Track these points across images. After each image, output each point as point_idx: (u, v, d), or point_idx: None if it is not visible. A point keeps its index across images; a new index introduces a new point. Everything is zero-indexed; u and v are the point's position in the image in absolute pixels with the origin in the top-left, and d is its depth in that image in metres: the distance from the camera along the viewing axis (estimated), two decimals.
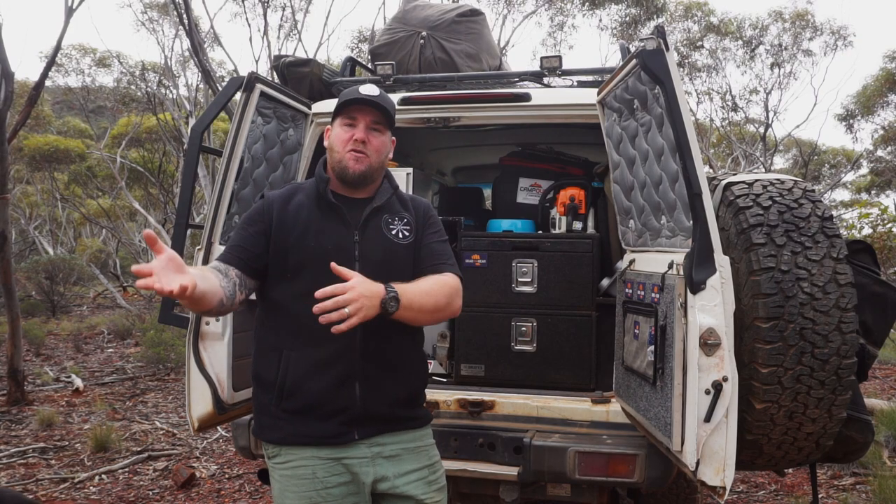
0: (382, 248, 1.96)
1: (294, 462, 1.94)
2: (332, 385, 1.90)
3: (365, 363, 1.91)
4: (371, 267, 1.89)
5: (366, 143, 1.94)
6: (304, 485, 1.92)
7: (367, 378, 1.92)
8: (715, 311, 2.04)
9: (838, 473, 4.71)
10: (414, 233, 2.01)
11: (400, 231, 2.00)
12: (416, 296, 1.84)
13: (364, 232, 1.96)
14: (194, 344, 2.68)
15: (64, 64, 18.25)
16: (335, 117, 2.00)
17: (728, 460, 2.04)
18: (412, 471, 1.98)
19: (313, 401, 1.91)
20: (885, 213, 8.00)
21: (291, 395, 1.92)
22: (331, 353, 1.89)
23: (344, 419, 1.91)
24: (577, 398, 2.93)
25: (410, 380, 2.02)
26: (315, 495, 1.91)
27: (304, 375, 1.91)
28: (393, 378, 1.96)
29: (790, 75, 18.00)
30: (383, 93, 1.99)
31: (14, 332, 7.07)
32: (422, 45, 3.70)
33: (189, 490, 4.67)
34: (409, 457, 2.00)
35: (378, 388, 1.94)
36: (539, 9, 16.84)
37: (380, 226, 1.98)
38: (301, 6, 15.69)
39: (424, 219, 2.06)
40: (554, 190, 3.57)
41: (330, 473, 1.92)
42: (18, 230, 21.20)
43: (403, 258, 1.98)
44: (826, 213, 2.34)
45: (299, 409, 1.92)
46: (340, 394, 1.90)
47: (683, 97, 2.13)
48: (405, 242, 1.99)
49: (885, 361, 8.52)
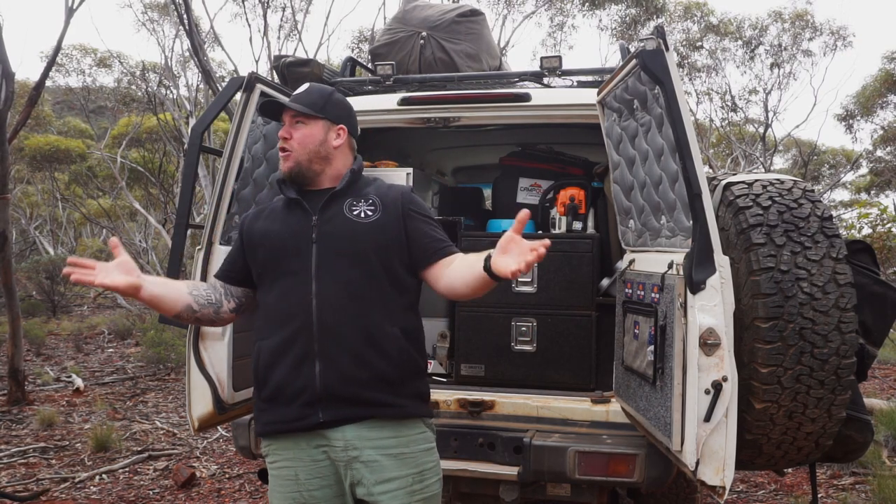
0: (342, 227, 1.96)
1: (279, 463, 1.97)
2: (292, 367, 1.91)
3: (323, 342, 1.89)
4: (328, 244, 1.95)
5: (288, 139, 2.02)
6: (288, 486, 1.94)
7: (326, 357, 1.89)
8: (715, 311, 2.05)
9: (838, 473, 4.71)
10: (381, 211, 1.98)
11: (362, 211, 1.99)
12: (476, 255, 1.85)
13: (323, 214, 1.98)
14: (194, 344, 2.68)
15: (64, 64, 18.25)
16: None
17: (728, 460, 2.04)
18: (393, 479, 1.90)
19: (279, 386, 1.93)
20: (884, 213, 8.01)
21: (264, 384, 1.97)
22: (290, 335, 1.91)
23: (305, 400, 1.90)
24: (577, 398, 2.93)
25: (375, 361, 1.90)
26: (298, 496, 1.93)
27: (270, 362, 1.94)
28: (356, 356, 1.89)
29: (790, 75, 18.00)
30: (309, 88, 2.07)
31: (14, 331, 7.07)
32: (422, 46, 3.70)
33: (189, 490, 4.67)
34: (391, 463, 1.91)
35: (337, 367, 1.89)
36: (539, 9, 16.84)
37: (341, 209, 1.99)
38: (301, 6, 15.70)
39: (403, 201, 2.02)
40: (554, 190, 3.57)
41: (311, 476, 1.92)
42: (19, 230, 21.20)
43: (366, 234, 1.95)
44: (826, 213, 2.34)
45: (270, 396, 1.96)
46: (300, 374, 1.90)
47: (683, 97, 2.13)
48: (367, 221, 1.97)
49: (884, 361, 8.52)
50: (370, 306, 1.92)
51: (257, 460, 3.04)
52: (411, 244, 1.98)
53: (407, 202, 2.02)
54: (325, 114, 2.03)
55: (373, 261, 1.94)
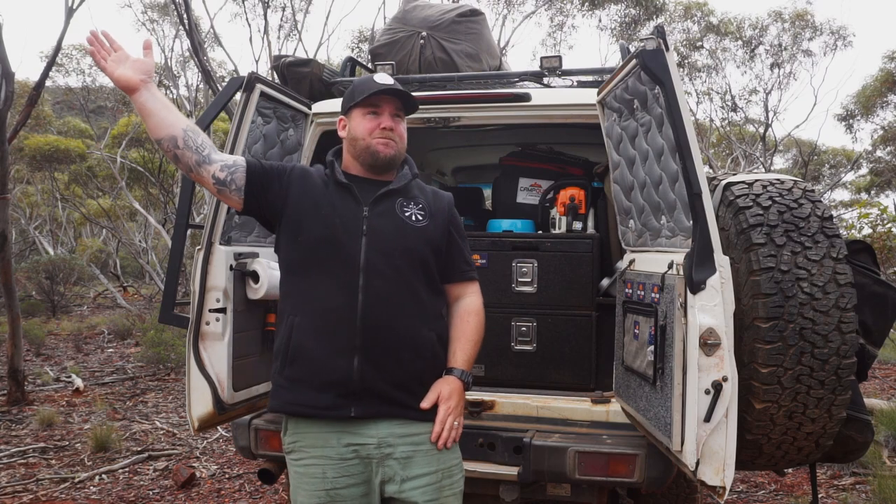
0: (394, 226, 1.99)
1: (305, 460, 1.94)
2: (329, 355, 1.90)
3: (365, 337, 1.90)
4: (378, 240, 1.95)
5: (393, 130, 2.00)
6: (315, 483, 1.92)
7: (367, 353, 1.90)
8: (715, 311, 2.04)
9: (838, 473, 4.71)
10: (429, 219, 2.04)
11: (414, 214, 2.03)
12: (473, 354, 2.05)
13: (374, 208, 1.99)
14: (194, 344, 2.68)
15: (64, 64, 18.26)
16: (353, 108, 2.03)
17: (728, 460, 2.04)
18: (424, 474, 1.92)
19: (312, 369, 1.92)
20: (884, 213, 8.01)
21: (293, 362, 1.94)
22: (331, 323, 1.91)
23: (340, 391, 1.90)
24: (577, 398, 2.93)
25: (413, 362, 1.95)
26: (324, 495, 1.91)
27: (304, 343, 1.92)
28: (395, 357, 1.93)
29: (790, 75, 18.01)
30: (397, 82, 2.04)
31: (14, 331, 7.07)
32: (422, 46, 3.70)
33: (189, 490, 4.67)
34: (422, 459, 1.93)
35: (377, 365, 1.91)
36: (539, 9, 16.85)
37: (392, 206, 2.02)
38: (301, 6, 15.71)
39: (449, 214, 2.11)
40: (554, 190, 3.57)
41: (340, 474, 1.91)
42: (19, 230, 21.20)
43: (415, 240, 2.00)
44: (826, 213, 2.34)
45: (299, 377, 1.93)
46: (338, 365, 1.90)
47: (683, 97, 2.13)
48: (418, 226, 2.02)
49: (884, 361, 8.52)
50: (411, 308, 1.96)
51: (257, 460, 3.03)
52: (445, 256, 2.06)
53: (452, 215, 2.12)
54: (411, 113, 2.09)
55: (417, 265, 1.99)
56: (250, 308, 2.83)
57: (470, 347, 2.05)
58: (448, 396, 1.96)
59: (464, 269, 2.11)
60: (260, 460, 2.98)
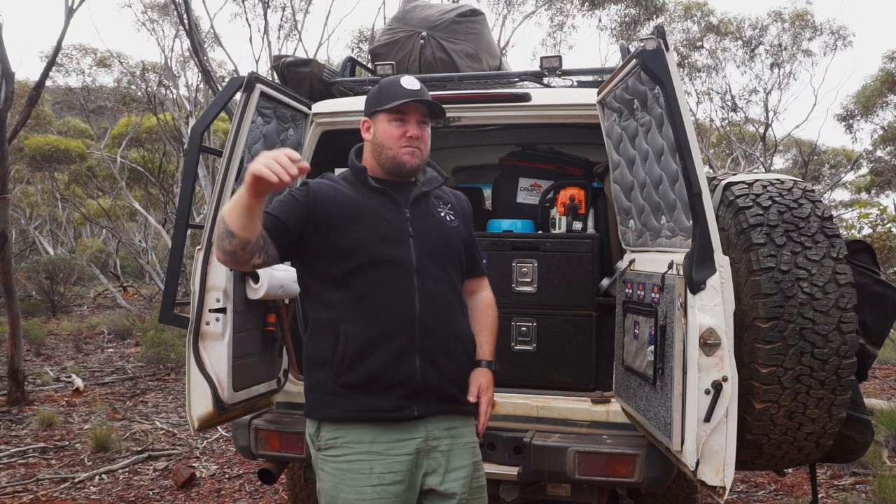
0: (435, 226, 2.05)
1: (350, 456, 1.93)
2: (392, 358, 1.92)
3: (424, 337, 1.95)
4: (424, 241, 2.00)
5: (419, 138, 2.02)
6: (361, 479, 1.91)
7: (426, 352, 1.95)
8: (715, 311, 2.04)
9: (838, 473, 4.71)
10: (458, 218, 2.13)
11: (447, 214, 2.11)
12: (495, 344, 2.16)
13: (414, 210, 2.04)
14: (194, 344, 2.68)
15: (64, 64, 18.24)
16: (378, 111, 2.02)
17: (728, 460, 2.04)
18: (461, 467, 2.01)
19: (373, 374, 1.92)
20: (884, 213, 8.01)
21: (350, 369, 1.93)
22: (391, 327, 1.93)
23: (403, 392, 1.93)
24: (577, 398, 2.93)
25: (463, 358, 2.06)
26: (370, 491, 1.90)
27: (363, 349, 1.92)
28: (449, 354, 2.01)
29: (790, 75, 18.01)
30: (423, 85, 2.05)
31: (14, 332, 7.06)
32: (422, 45, 3.70)
33: (189, 490, 4.67)
34: (460, 453, 2.02)
35: (435, 363, 1.97)
36: (539, 9, 16.84)
37: (430, 207, 2.07)
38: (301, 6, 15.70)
39: (469, 213, 2.20)
40: (554, 190, 3.57)
41: (387, 470, 1.92)
42: (19, 230, 21.20)
43: (455, 239, 2.08)
44: (826, 213, 2.34)
45: (358, 383, 1.93)
46: (400, 367, 1.93)
47: (683, 97, 2.13)
48: (453, 225, 2.10)
49: (885, 361, 8.52)
50: (457, 306, 2.06)
51: (257, 460, 3.03)
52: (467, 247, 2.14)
53: (471, 213, 2.21)
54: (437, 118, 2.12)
55: (457, 263, 2.09)
56: (250, 308, 2.83)
57: (493, 339, 2.16)
58: (486, 388, 2.07)
59: (480, 265, 2.23)
60: (260, 460, 2.98)
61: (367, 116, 2.07)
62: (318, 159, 3.34)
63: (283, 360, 3.05)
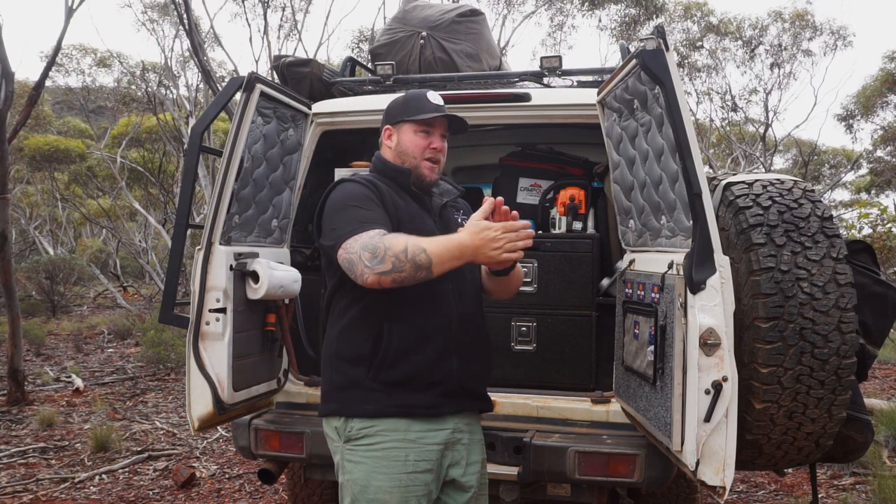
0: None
1: (386, 444, 1.98)
2: (432, 357, 2.01)
3: (460, 338, 2.06)
4: None
5: (441, 150, 2.19)
6: (396, 466, 1.97)
7: (462, 352, 2.06)
8: (715, 311, 2.04)
9: (838, 473, 4.71)
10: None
11: (463, 222, 2.18)
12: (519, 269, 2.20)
13: (441, 219, 2.17)
14: (194, 344, 2.68)
15: (64, 64, 18.26)
16: (405, 121, 2.14)
17: (728, 460, 2.04)
18: (477, 461, 2.15)
19: (415, 373, 2.00)
20: (884, 213, 8.01)
21: (392, 367, 1.99)
22: (432, 326, 2.02)
23: (441, 391, 2.02)
24: (577, 398, 2.93)
25: (488, 358, 2.20)
26: (405, 478, 1.97)
27: (406, 348, 2.00)
28: (480, 353, 2.14)
29: (790, 75, 18.02)
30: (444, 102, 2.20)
31: (14, 332, 7.07)
32: (422, 45, 3.70)
33: (189, 490, 4.67)
34: (476, 448, 2.16)
35: (470, 363, 2.09)
36: (539, 9, 16.85)
37: (451, 214, 2.21)
38: (301, 6, 15.71)
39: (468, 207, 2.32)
40: (554, 190, 3.57)
41: (421, 458, 1.99)
42: (19, 230, 21.20)
43: None
44: (826, 213, 2.34)
45: (398, 380, 1.99)
46: (439, 366, 2.02)
47: (683, 97, 2.13)
48: None
49: (885, 361, 8.53)
50: (480, 309, 2.20)
51: (257, 460, 3.03)
52: None
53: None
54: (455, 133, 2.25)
55: (477, 269, 2.20)
56: (250, 308, 2.82)
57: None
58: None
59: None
60: (260, 460, 2.98)
61: (390, 125, 2.18)
62: (318, 159, 3.34)
63: (283, 360, 3.05)
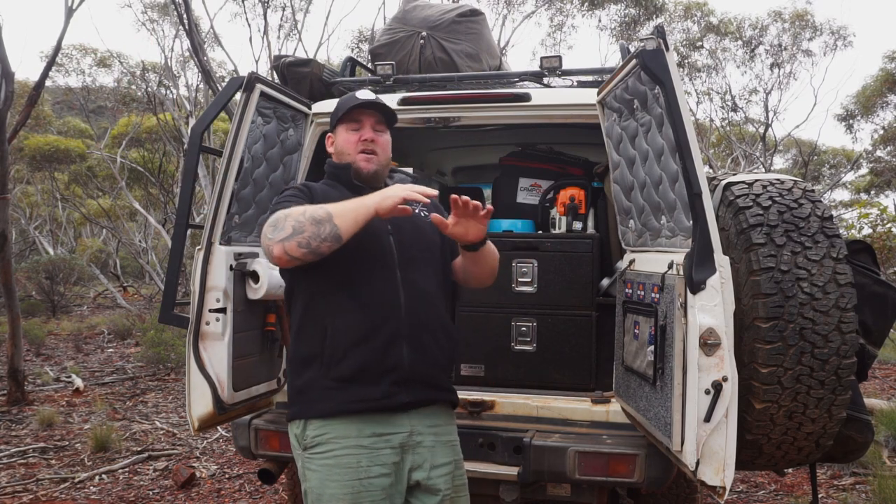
0: (410, 221, 2.09)
1: (337, 451, 1.97)
2: (380, 347, 1.98)
3: (410, 324, 2.01)
4: (402, 236, 2.07)
5: (374, 141, 2.10)
6: (348, 473, 1.95)
7: (413, 340, 2.01)
8: (715, 311, 2.04)
9: (838, 473, 4.71)
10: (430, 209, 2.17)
11: (420, 211, 2.16)
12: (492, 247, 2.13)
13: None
14: (194, 344, 2.68)
15: (64, 64, 18.26)
16: (337, 124, 2.16)
17: (728, 460, 2.04)
18: (443, 464, 2.06)
19: (363, 364, 1.97)
20: (884, 213, 8.01)
21: (341, 362, 1.97)
22: (379, 318, 1.99)
23: (393, 379, 1.98)
24: (577, 398, 2.93)
25: (448, 344, 2.11)
26: (357, 484, 1.94)
27: (353, 340, 1.98)
28: (435, 341, 2.06)
29: (790, 75, 18.01)
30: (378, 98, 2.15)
31: (14, 332, 7.07)
32: (422, 45, 3.70)
33: (189, 490, 4.67)
34: (443, 450, 2.07)
35: (422, 350, 2.03)
36: (539, 9, 16.84)
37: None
38: (301, 6, 15.71)
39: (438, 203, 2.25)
40: (554, 190, 3.57)
41: (373, 463, 1.96)
42: (19, 230, 21.20)
43: (430, 232, 2.12)
44: (826, 213, 2.34)
45: (350, 375, 1.97)
46: (389, 355, 1.98)
47: (683, 97, 2.13)
48: (426, 219, 2.14)
49: (885, 361, 8.52)
50: (438, 296, 2.12)
51: (257, 460, 3.03)
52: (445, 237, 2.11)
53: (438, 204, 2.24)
54: (391, 125, 2.19)
55: (435, 255, 2.14)
56: (250, 308, 2.83)
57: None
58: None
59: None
60: (260, 460, 2.98)
61: (330, 133, 2.20)
62: (318, 159, 3.34)
63: (283, 360, 3.05)
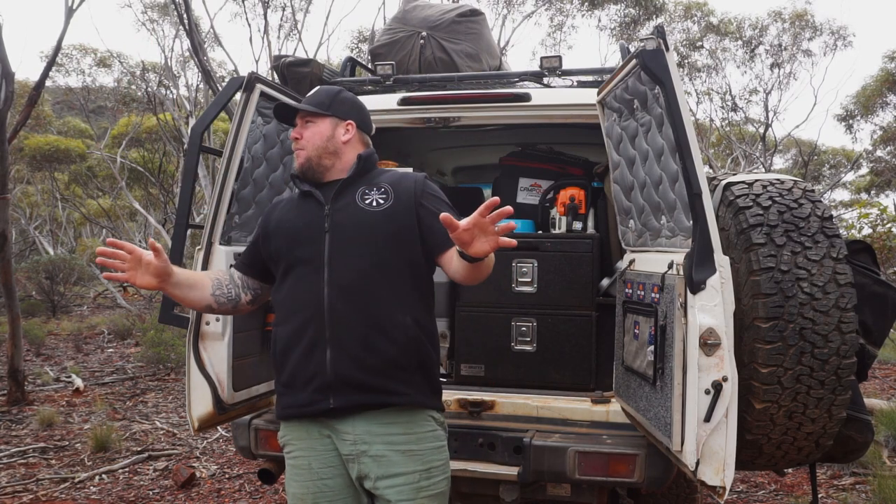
0: (353, 216, 2.02)
1: (294, 452, 2.05)
2: (305, 353, 1.97)
3: (333, 328, 1.94)
4: (340, 233, 2.01)
5: (299, 138, 2.11)
6: (303, 475, 2.02)
7: (336, 343, 1.94)
8: (715, 311, 2.04)
9: (838, 473, 4.71)
10: (393, 199, 2.03)
11: (374, 200, 2.04)
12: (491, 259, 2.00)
13: (335, 204, 2.05)
14: (194, 344, 2.68)
15: (64, 64, 18.26)
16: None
17: (728, 460, 2.04)
18: (400, 474, 1.93)
19: (294, 370, 2.00)
20: (884, 213, 8.01)
21: (280, 369, 2.04)
22: (302, 322, 1.98)
23: (316, 385, 1.96)
24: (577, 398, 2.93)
25: (384, 347, 1.94)
26: (312, 486, 1.99)
27: (285, 348, 2.01)
28: (367, 344, 1.93)
29: (790, 75, 18.02)
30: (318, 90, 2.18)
31: (14, 332, 7.06)
32: (422, 45, 3.70)
33: (189, 490, 4.67)
34: (399, 459, 1.94)
35: (347, 353, 1.93)
36: (539, 9, 16.84)
37: (353, 198, 2.06)
38: (301, 6, 15.71)
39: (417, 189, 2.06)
40: (554, 190, 3.57)
41: (324, 465, 1.99)
42: (19, 230, 21.19)
43: (376, 223, 2.01)
44: (826, 213, 2.34)
45: (286, 381, 2.03)
46: (312, 360, 1.96)
47: (683, 97, 2.13)
48: (379, 210, 2.02)
49: (884, 361, 8.52)
50: (381, 294, 1.97)
51: (257, 460, 3.03)
52: (425, 230, 2.02)
53: (421, 189, 2.07)
54: (332, 111, 2.12)
55: (384, 249, 1.99)
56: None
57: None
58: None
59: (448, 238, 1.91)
60: (260, 460, 2.98)
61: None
62: None
63: None
